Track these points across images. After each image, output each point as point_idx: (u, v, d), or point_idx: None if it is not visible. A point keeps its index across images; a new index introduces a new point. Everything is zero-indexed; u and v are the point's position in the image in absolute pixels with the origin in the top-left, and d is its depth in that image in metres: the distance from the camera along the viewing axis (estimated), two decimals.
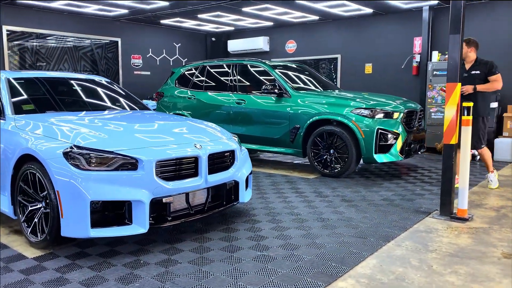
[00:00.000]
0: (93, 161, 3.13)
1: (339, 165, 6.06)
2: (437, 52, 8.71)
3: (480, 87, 5.24)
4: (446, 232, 3.74)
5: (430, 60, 8.96)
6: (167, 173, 3.34)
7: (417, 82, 9.34)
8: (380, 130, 5.77)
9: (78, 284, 2.71)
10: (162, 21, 10.60)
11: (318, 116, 6.12)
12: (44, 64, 9.48)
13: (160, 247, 3.37)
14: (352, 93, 6.78)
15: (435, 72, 8.43)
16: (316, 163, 6.26)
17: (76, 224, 3.05)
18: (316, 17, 10.07)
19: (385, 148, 5.86)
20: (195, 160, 3.50)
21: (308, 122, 6.22)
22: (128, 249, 3.33)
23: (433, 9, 9.01)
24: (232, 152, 3.91)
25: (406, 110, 6.09)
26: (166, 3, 8.48)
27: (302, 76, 7.36)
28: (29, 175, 3.36)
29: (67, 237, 3.12)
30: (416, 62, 9.28)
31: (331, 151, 6.12)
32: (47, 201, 3.20)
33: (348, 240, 3.52)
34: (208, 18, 10.11)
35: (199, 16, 9.83)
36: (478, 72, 5.31)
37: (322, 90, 7.00)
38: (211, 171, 3.63)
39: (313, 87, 7.07)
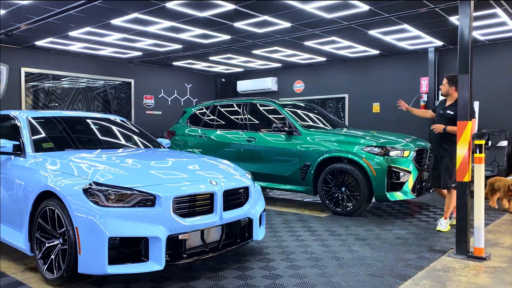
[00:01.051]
0: (112, 198, 3.18)
1: (351, 203, 6.04)
2: None
3: (450, 129, 5.04)
4: (464, 271, 3.69)
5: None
6: (183, 209, 3.38)
7: (426, 121, 9.42)
8: (391, 168, 5.80)
9: None
10: (174, 63, 10.93)
11: (329, 153, 6.17)
12: (57, 104, 9.73)
13: (175, 285, 3.35)
14: (362, 131, 6.86)
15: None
16: (327, 201, 6.24)
17: (93, 260, 3.07)
18: (323, 59, 10.35)
19: (397, 186, 5.87)
20: (211, 196, 3.54)
21: (319, 159, 6.27)
22: (143, 286, 3.31)
23: (438, 50, 9.24)
24: (246, 189, 3.95)
25: (416, 148, 6.13)
26: (179, 46, 8.80)
27: (311, 115, 7.48)
28: (48, 212, 3.41)
29: (83, 274, 3.12)
30: (424, 101, 9.42)
31: (343, 189, 6.12)
32: (65, 237, 3.23)
33: (365, 279, 3.48)
34: (219, 60, 10.43)
35: (210, 58, 10.16)
36: (452, 113, 5.09)
37: (331, 128, 7.09)
38: (226, 207, 3.66)
39: (322, 125, 7.17)
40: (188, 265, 3.78)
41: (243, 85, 12.49)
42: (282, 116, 6.91)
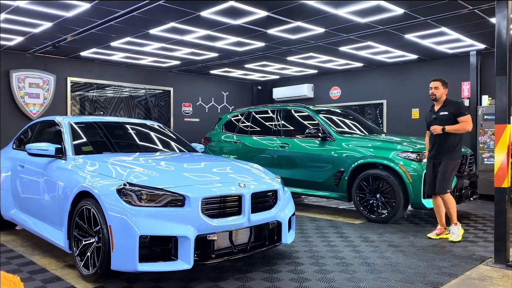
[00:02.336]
0: (144, 197, 3.30)
1: (386, 210, 5.91)
2: (487, 96, 8.50)
3: (449, 128, 4.86)
4: (501, 280, 3.52)
5: (480, 105, 8.74)
6: (212, 210, 3.45)
7: None
8: None
9: None
10: (212, 71, 11.17)
11: (363, 159, 6.08)
12: (102, 113, 10.18)
13: (203, 284, 3.42)
14: (399, 137, 6.72)
15: (485, 117, 8.19)
16: (362, 208, 6.14)
17: (125, 258, 3.19)
18: (360, 64, 10.23)
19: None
20: (239, 198, 3.59)
21: (353, 165, 6.19)
22: (172, 285, 3.40)
23: (480, 54, 8.91)
24: (274, 192, 3.97)
25: None
26: (215, 55, 8.99)
27: (347, 121, 7.41)
28: (84, 211, 3.58)
29: (116, 271, 3.25)
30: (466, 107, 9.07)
31: (377, 195, 6.00)
32: (100, 235, 3.37)
33: (394, 284, 3.40)
34: (255, 67, 10.56)
35: (246, 66, 10.30)
36: (446, 113, 4.95)
37: (367, 134, 6.98)
38: (254, 210, 3.69)
39: (358, 131, 7.08)
40: (217, 266, 3.84)
41: (279, 92, 12.54)
42: (316, 122, 6.89)
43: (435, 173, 5.00)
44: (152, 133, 5.40)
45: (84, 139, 4.69)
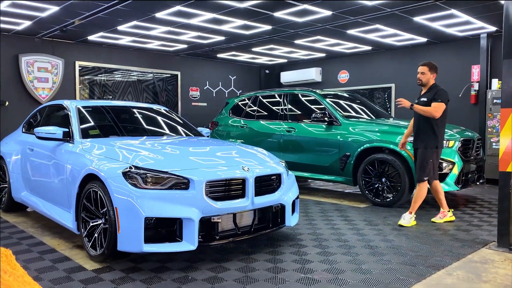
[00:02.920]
0: (149, 180, 3.36)
1: (391, 194, 5.93)
2: (497, 80, 8.39)
3: (416, 106, 4.78)
4: (503, 263, 3.54)
5: (490, 88, 8.64)
6: (216, 193, 3.50)
7: (476, 111, 9.00)
8: None
9: None
10: (219, 55, 11.13)
11: (369, 144, 6.08)
12: (111, 97, 10.24)
13: (208, 265, 3.49)
14: (406, 121, 6.68)
15: (495, 101, 8.10)
16: (367, 192, 6.17)
17: (131, 239, 3.27)
18: (369, 47, 10.11)
19: (440, 178, 5.68)
20: (243, 182, 3.64)
21: (359, 150, 6.19)
22: (178, 265, 3.48)
23: (491, 36, 8.76)
24: (278, 176, 4.01)
25: (462, 139, 5.90)
26: (222, 38, 8.95)
27: (354, 105, 7.38)
28: (91, 193, 3.66)
29: (122, 251, 3.33)
30: (475, 90, 8.97)
31: (383, 179, 6.02)
32: (106, 217, 3.45)
33: (396, 267, 3.45)
34: (262, 51, 10.49)
35: (253, 49, 10.24)
36: (425, 99, 4.86)
37: (374, 118, 6.96)
38: (258, 193, 3.74)
39: (364, 116, 7.05)
40: (222, 247, 3.92)
41: (286, 76, 12.48)
42: (323, 106, 6.87)
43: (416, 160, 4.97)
44: (158, 117, 5.44)
45: (91, 123, 4.75)
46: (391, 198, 5.91)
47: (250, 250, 3.91)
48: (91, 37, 8.91)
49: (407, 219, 4.88)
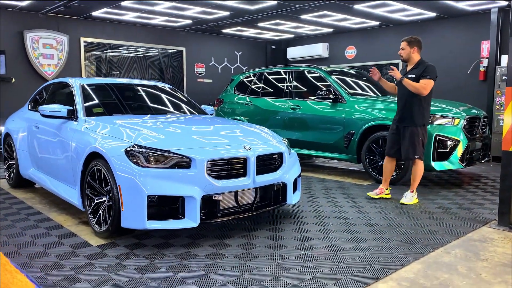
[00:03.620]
0: (151, 159, 3.40)
1: (395, 172, 5.94)
2: (507, 56, 8.20)
3: (406, 81, 4.68)
4: (502, 242, 3.57)
5: (499, 65, 8.49)
6: (218, 172, 3.54)
7: (484, 88, 8.86)
8: (438, 137, 5.59)
9: (133, 271, 2.96)
10: (224, 30, 11.00)
11: (374, 121, 6.05)
12: (117, 73, 10.23)
13: (210, 241, 3.57)
14: None
15: (504, 77, 7.96)
16: (370, 170, 6.18)
17: (134, 216, 3.34)
18: (377, 23, 9.93)
19: (444, 156, 5.67)
20: (244, 160, 3.67)
21: (363, 127, 6.17)
22: (181, 242, 3.56)
23: (502, 11, 8.54)
24: (280, 155, 4.03)
25: (467, 117, 5.85)
26: (227, 13, 8.83)
27: (360, 82, 7.31)
28: (95, 171, 3.72)
29: (126, 228, 3.41)
30: (484, 67, 8.81)
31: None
32: (110, 194, 3.52)
33: (395, 245, 3.49)
34: (268, 26, 10.36)
35: (259, 24, 10.10)
36: (413, 76, 4.75)
37: (380, 95, 6.90)
38: (259, 172, 3.77)
39: (371, 93, 6.99)
40: (224, 224, 3.99)
41: (293, 52, 12.33)
42: (328, 83, 6.82)
43: (398, 137, 4.89)
44: (162, 95, 5.45)
45: (95, 101, 4.78)
46: (395, 175, 5.92)
47: (252, 227, 3.98)
48: (96, 13, 8.85)
49: (409, 197, 4.90)
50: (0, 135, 6.78)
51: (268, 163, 3.93)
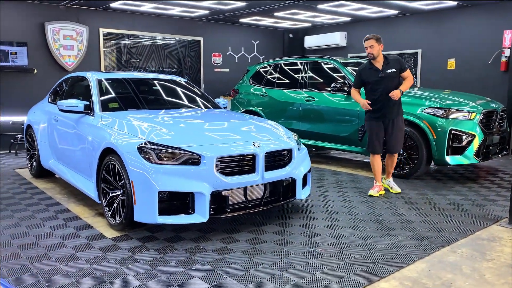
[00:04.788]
0: (162, 156, 3.50)
1: (408, 166, 5.92)
2: None
3: (404, 89, 4.87)
4: (511, 241, 3.56)
5: None
6: (227, 168, 3.62)
7: (506, 79, 8.64)
8: (453, 131, 5.54)
9: (144, 264, 3.09)
10: (241, 20, 10.98)
11: None
12: (138, 60, 10.36)
13: (219, 236, 3.67)
14: (431, 91, 6.53)
15: None
16: (384, 163, 6.16)
17: (146, 210, 3.46)
18: (395, 11, 9.75)
19: (458, 150, 5.61)
20: (253, 157, 3.73)
21: None
22: (191, 235, 3.67)
23: None
24: (289, 151, 4.08)
25: (484, 111, 5.76)
26: (243, 4, 8.82)
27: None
28: (110, 166, 3.85)
29: (138, 221, 3.54)
30: (506, 57, 8.58)
31: (401, 151, 5.98)
32: (124, 189, 3.65)
33: (401, 242, 3.53)
34: (285, 16, 10.29)
35: (276, 14, 10.05)
36: (394, 70, 4.90)
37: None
38: (268, 168, 3.84)
39: None
40: (235, 219, 4.08)
41: (310, 41, 12.23)
42: (343, 75, 6.79)
43: (383, 132, 4.99)
44: (177, 89, 5.55)
45: (111, 95, 4.91)
46: (408, 169, 5.90)
47: (261, 221, 4.06)
48: (114, 4, 8.96)
49: (394, 183, 5.24)
50: (22, 126, 7.01)
51: (277, 159, 3.98)
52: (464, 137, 5.56)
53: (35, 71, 8.87)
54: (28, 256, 3.24)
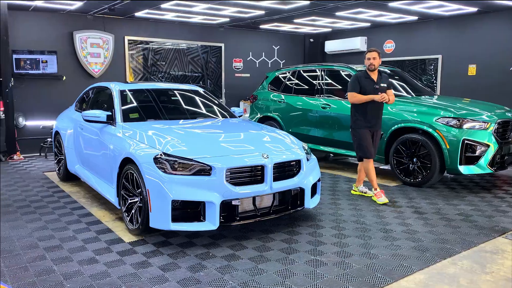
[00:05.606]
0: (176, 167, 3.73)
1: (421, 175, 5.97)
2: None
3: (392, 100, 5.32)
4: None
5: None
6: (236, 179, 3.82)
7: None
8: (466, 141, 5.57)
9: (157, 268, 3.33)
10: (262, 26, 11.19)
11: (403, 123, 6.08)
12: (162, 64, 10.70)
13: (229, 242, 3.88)
14: (448, 101, 6.56)
15: None
16: (398, 171, 6.24)
17: (160, 217, 3.70)
18: (415, 17, 9.74)
19: (472, 160, 5.64)
20: (262, 168, 3.92)
21: (392, 129, 6.23)
22: (203, 241, 3.89)
23: None
24: (298, 162, 4.24)
25: (500, 120, 5.77)
26: (262, 12, 9.01)
27: (394, 82, 7.30)
28: (129, 174, 4.11)
29: (153, 228, 3.78)
30: None
31: (414, 159, 6.05)
32: (141, 197, 3.90)
33: (404, 253, 3.64)
34: (304, 22, 10.43)
35: (295, 20, 10.21)
36: (385, 85, 5.30)
37: (414, 95, 6.88)
38: (277, 178, 4.02)
39: (404, 93, 6.98)
40: (245, 226, 4.28)
41: (331, 46, 12.32)
42: None
43: (372, 141, 5.33)
44: (194, 99, 5.80)
45: (132, 106, 5.20)
46: (421, 178, 5.96)
47: (270, 229, 4.24)
48: (138, 14, 9.32)
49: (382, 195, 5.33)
50: (52, 131, 7.41)
51: (286, 169, 4.15)
52: (477, 147, 5.59)
53: (64, 78, 9.32)
54: (52, 258, 3.53)
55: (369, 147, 5.27)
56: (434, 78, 10.32)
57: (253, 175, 3.92)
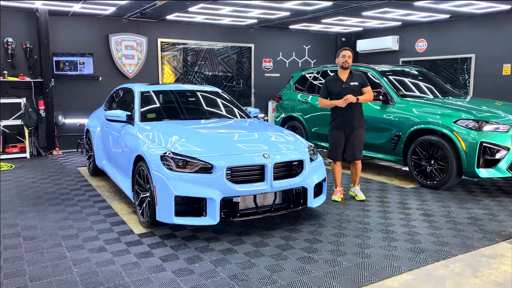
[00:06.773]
0: (180, 164, 3.97)
1: (438, 177, 5.90)
2: None
3: (362, 98, 5.24)
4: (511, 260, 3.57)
5: None
6: (237, 177, 4.01)
7: None
8: (484, 144, 5.45)
9: (157, 259, 3.58)
10: (291, 26, 11.28)
11: (423, 125, 6.01)
12: (194, 64, 11.06)
13: (229, 237, 4.07)
14: (477, 103, 6.42)
15: None
16: (415, 173, 6.19)
17: (165, 212, 3.95)
18: (446, 16, 9.49)
19: (491, 163, 5.51)
20: (262, 167, 4.08)
21: (410, 130, 6.19)
22: (205, 235, 4.11)
23: None
24: (300, 162, 4.36)
25: None
26: (287, 13, 9.12)
27: (418, 82, 7.22)
28: (141, 171, 4.41)
29: (160, 221, 4.04)
30: None
31: (432, 161, 5.98)
32: (150, 192, 4.17)
33: (397, 254, 3.68)
34: (333, 22, 10.43)
35: (323, 20, 10.23)
36: (356, 83, 5.29)
37: (439, 97, 6.79)
38: (278, 177, 4.16)
39: (428, 94, 6.89)
40: (248, 222, 4.45)
41: (362, 45, 12.20)
42: (379, 83, 6.87)
43: (344, 142, 5.34)
44: (211, 99, 6.04)
45: (150, 106, 5.52)
46: (437, 181, 5.89)
47: (272, 226, 4.40)
48: (169, 17, 9.70)
49: (360, 191, 5.50)
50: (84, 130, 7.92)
51: (288, 169, 4.29)
52: (496, 150, 5.46)
53: (100, 78, 9.88)
54: (67, 245, 3.87)
55: (337, 149, 5.37)
56: (467, 78, 10.00)
57: (254, 174, 4.09)
